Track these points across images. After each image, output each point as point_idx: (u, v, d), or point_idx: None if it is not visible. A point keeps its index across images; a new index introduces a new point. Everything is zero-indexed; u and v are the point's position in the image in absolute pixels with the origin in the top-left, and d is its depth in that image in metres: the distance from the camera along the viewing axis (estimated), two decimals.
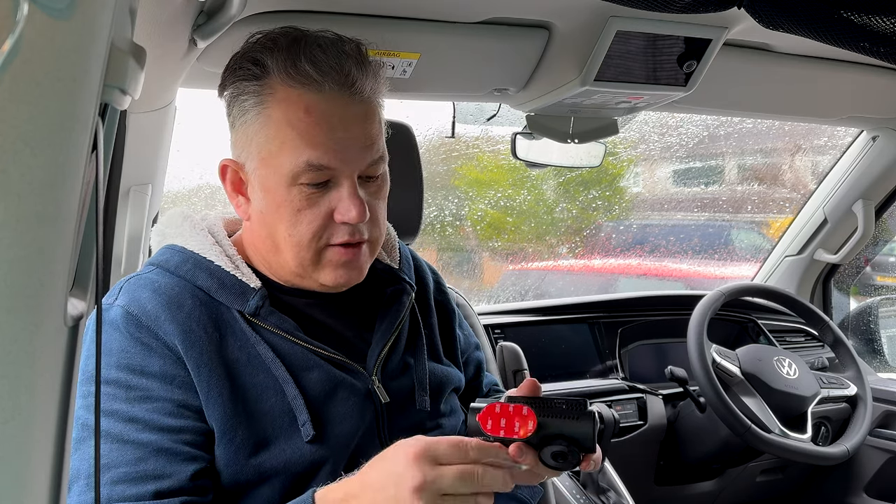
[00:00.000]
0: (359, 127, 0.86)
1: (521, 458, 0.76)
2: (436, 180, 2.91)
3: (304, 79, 0.83)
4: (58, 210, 0.36)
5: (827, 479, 2.20)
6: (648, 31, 1.23)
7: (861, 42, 0.71)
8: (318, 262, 0.88)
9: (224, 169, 0.92)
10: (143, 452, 0.80)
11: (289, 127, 0.84)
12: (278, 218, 0.87)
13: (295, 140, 0.83)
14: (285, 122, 0.84)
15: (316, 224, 0.86)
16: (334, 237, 0.87)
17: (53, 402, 0.39)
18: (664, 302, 2.22)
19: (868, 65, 1.59)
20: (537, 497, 1.04)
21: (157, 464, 0.80)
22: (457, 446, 0.71)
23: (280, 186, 0.85)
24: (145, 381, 0.82)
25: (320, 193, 0.86)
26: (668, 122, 2.93)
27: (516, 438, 0.76)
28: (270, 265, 0.93)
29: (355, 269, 0.90)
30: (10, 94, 0.32)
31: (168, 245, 0.94)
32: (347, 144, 0.85)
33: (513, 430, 0.76)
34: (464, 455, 0.71)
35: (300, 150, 0.83)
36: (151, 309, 0.85)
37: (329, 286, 0.91)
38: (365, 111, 0.87)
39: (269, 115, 0.85)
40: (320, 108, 0.84)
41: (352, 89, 0.85)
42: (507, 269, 3.23)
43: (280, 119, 0.84)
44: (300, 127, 0.83)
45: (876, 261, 2.57)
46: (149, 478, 0.79)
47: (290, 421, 0.86)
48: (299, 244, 0.87)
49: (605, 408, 1.59)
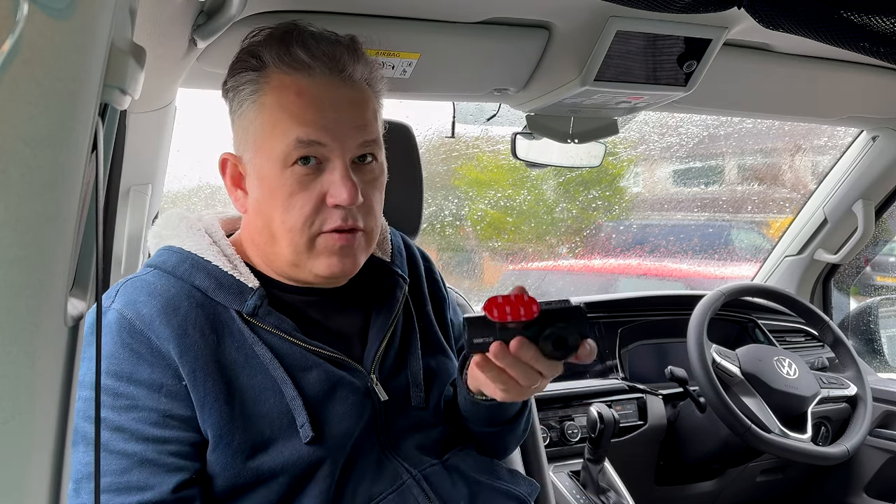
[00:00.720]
0: (349, 109, 0.87)
1: (522, 352, 0.80)
2: (436, 180, 2.91)
3: (297, 63, 0.85)
4: (58, 210, 0.36)
5: (827, 479, 2.20)
6: (648, 31, 1.23)
7: (861, 42, 0.71)
8: (311, 249, 0.88)
9: (224, 163, 0.93)
10: (127, 463, 0.80)
11: (280, 110, 0.85)
12: (273, 204, 0.87)
13: (286, 121, 0.85)
14: (277, 107, 0.85)
15: (308, 208, 0.86)
16: (327, 223, 0.87)
17: (53, 403, 0.39)
18: (664, 302, 2.22)
19: (868, 65, 1.59)
20: (536, 494, 1.04)
21: (140, 475, 0.80)
22: None
23: (274, 171, 0.86)
24: (133, 388, 0.82)
25: (312, 177, 0.86)
26: (668, 122, 2.93)
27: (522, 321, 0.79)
28: (268, 258, 0.93)
29: (349, 257, 0.89)
30: (10, 94, 0.32)
31: (166, 246, 0.94)
32: (338, 124, 0.86)
33: (518, 314, 0.79)
34: None
35: (290, 129, 0.84)
36: (147, 313, 0.84)
37: (324, 276, 0.90)
38: (356, 95, 0.88)
39: (263, 102, 0.86)
40: (311, 92, 0.85)
41: (342, 74, 0.87)
42: (507, 269, 3.23)
43: (273, 104, 0.85)
44: (291, 109, 0.85)
45: (876, 261, 2.57)
46: (132, 489, 0.79)
47: (288, 422, 0.86)
48: (293, 229, 0.87)
49: (605, 408, 1.60)
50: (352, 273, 0.92)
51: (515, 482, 1.03)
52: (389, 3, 1.15)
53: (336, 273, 0.89)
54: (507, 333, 0.81)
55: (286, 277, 0.94)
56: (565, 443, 1.77)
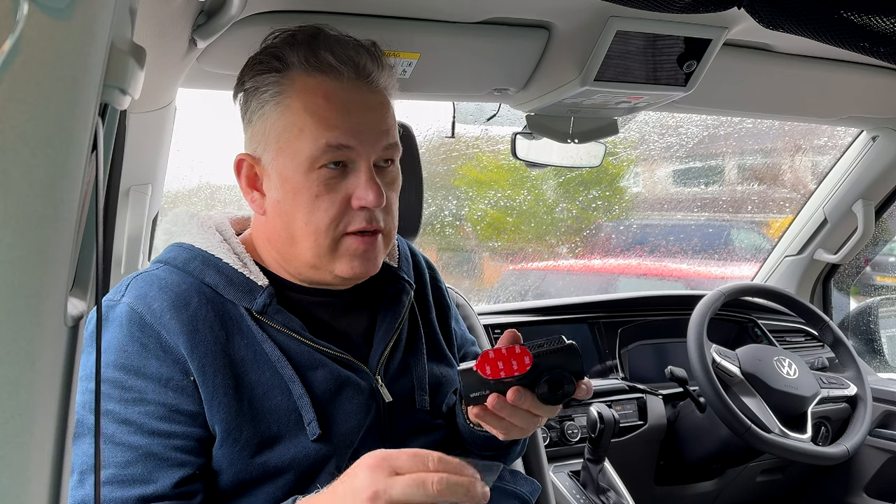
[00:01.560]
0: (374, 114, 0.89)
1: (520, 400, 0.81)
2: (436, 180, 2.91)
3: (324, 67, 0.86)
4: (58, 210, 0.36)
5: (827, 479, 2.20)
6: (648, 31, 1.23)
7: (861, 42, 0.71)
8: (335, 251, 0.89)
9: (240, 163, 0.92)
10: (132, 456, 0.80)
11: (307, 113, 0.86)
12: (296, 206, 0.87)
13: (314, 125, 0.85)
14: (303, 110, 0.86)
15: (333, 210, 0.87)
16: (352, 224, 0.88)
17: (53, 402, 0.39)
18: (664, 302, 2.22)
19: (868, 65, 1.59)
20: (536, 494, 1.05)
21: (144, 468, 0.80)
22: (415, 456, 0.72)
23: (298, 173, 0.86)
24: (141, 382, 0.82)
25: (338, 179, 0.87)
26: (668, 122, 2.93)
27: (516, 376, 0.80)
28: (285, 259, 0.93)
29: (370, 260, 0.91)
30: (10, 94, 0.32)
31: (176, 243, 0.94)
32: (364, 128, 0.87)
33: (511, 369, 0.80)
34: (422, 465, 0.71)
35: (319, 133, 0.85)
36: (157, 307, 0.84)
37: (345, 278, 0.91)
38: (380, 101, 0.90)
39: (287, 104, 0.87)
40: (339, 96, 0.86)
41: (368, 79, 0.88)
42: (507, 269, 3.23)
43: (298, 107, 0.86)
44: (319, 113, 0.86)
45: (876, 261, 2.57)
46: (135, 482, 0.80)
47: (295, 419, 0.86)
48: (317, 231, 0.87)
49: (605, 408, 1.60)
50: (371, 274, 0.93)
51: (516, 482, 1.03)
52: (389, 3, 1.15)
53: (358, 274, 0.90)
54: (503, 384, 0.82)
55: (299, 278, 0.94)
56: (565, 443, 1.77)
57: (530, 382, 0.82)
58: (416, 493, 0.69)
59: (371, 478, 0.70)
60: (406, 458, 0.71)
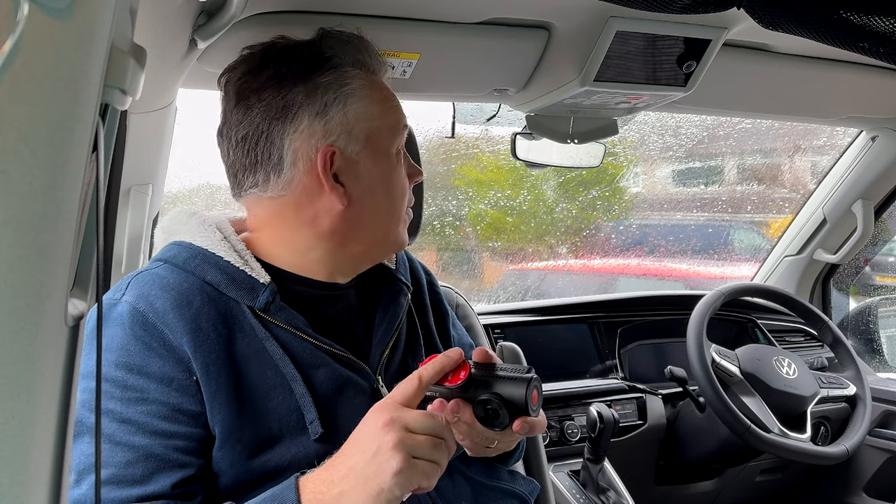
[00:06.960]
0: None
1: (459, 412, 0.83)
2: (436, 180, 2.91)
3: (375, 65, 0.97)
4: (58, 210, 0.36)
5: (826, 479, 2.21)
6: (648, 31, 1.23)
7: (861, 42, 0.71)
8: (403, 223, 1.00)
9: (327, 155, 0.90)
10: (133, 456, 0.80)
11: (383, 103, 0.95)
12: (390, 189, 0.96)
13: (389, 112, 0.96)
14: (381, 100, 0.95)
15: (408, 189, 1.00)
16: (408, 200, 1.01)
17: (53, 402, 0.39)
18: (664, 302, 2.22)
19: (868, 65, 1.59)
20: (536, 494, 1.05)
21: (145, 469, 0.80)
22: (430, 416, 0.77)
23: (389, 160, 0.95)
24: (143, 381, 0.82)
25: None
26: (668, 122, 2.93)
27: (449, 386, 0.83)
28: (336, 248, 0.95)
29: None
30: (10, 94, 0.32)
31: (175, 241, 0.93)
32: None
33: (448, 378, 0.83)
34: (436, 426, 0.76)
35: (398, 121, 0.97)
36: (160, 306, 0.84)
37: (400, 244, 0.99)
38: None
39: (364, 95, 0.93)
40: (387, 88, 0.99)
41: (386, 76, 1.01)
42: (506, 269, 3.23)
43: (377, 98, 0.95)
44: (391, 103, 0.97)
45: (875, 261, 2.57)
46: (135, 482, 0.79)
47: (297, 419, 0.86)
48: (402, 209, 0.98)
49: (604, 407, 1.60)
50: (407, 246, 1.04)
51: (516, 482, 1.03)
52: (389, 3, 1.15)
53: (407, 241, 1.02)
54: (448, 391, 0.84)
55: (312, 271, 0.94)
56: (565, 442, 1.77)
57: (470, 400, 0.84)
58: (429, 422, 0.76)
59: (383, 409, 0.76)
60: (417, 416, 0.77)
